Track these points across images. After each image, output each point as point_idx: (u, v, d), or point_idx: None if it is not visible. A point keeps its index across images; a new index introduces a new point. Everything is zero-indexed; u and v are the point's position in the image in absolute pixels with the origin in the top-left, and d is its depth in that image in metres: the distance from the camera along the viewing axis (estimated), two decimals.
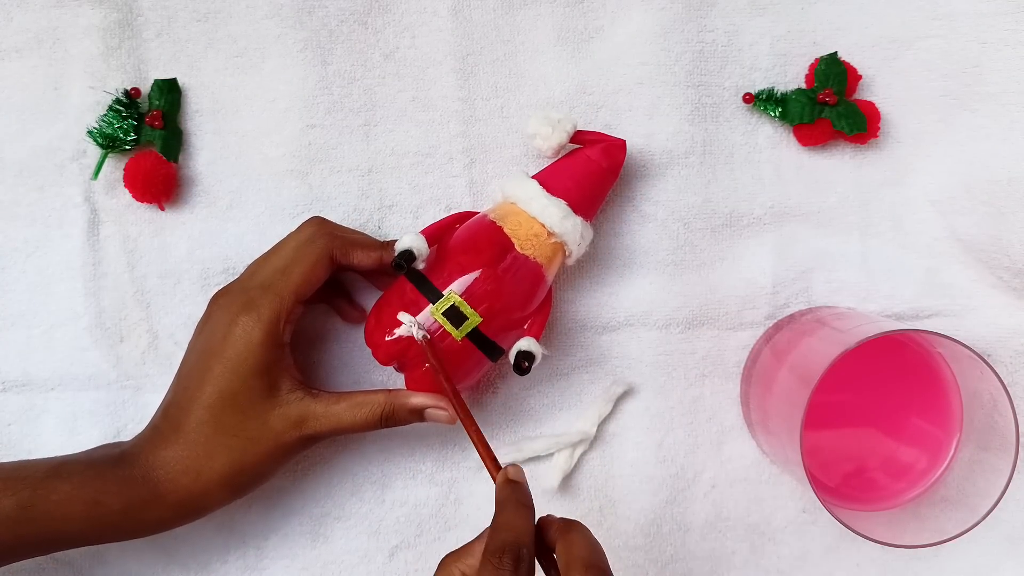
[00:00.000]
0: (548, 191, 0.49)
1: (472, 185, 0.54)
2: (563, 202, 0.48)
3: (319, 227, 0.49)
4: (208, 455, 0.45)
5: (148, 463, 0.45)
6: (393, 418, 0.48)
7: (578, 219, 0.49)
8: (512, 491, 0.42)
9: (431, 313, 0.47)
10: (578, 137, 0.51)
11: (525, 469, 0.44)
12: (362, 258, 0.48)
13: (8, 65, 0.53)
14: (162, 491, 0.45)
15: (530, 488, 0.43)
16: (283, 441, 0.46)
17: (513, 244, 0.48)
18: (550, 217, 0.48)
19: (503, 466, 0.44)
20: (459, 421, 0.46)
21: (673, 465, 0.54)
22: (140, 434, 0.47)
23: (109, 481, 0.44)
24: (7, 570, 0.51)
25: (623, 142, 0.51)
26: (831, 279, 0.55)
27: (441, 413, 0.48)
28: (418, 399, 0.48)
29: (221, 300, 0.47)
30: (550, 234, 0.48)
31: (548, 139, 0.50)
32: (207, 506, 0.47)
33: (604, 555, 0.40)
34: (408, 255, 0.47)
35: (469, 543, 0.42)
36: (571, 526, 0.41)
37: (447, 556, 0.42)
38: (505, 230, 0.48)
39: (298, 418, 0.46)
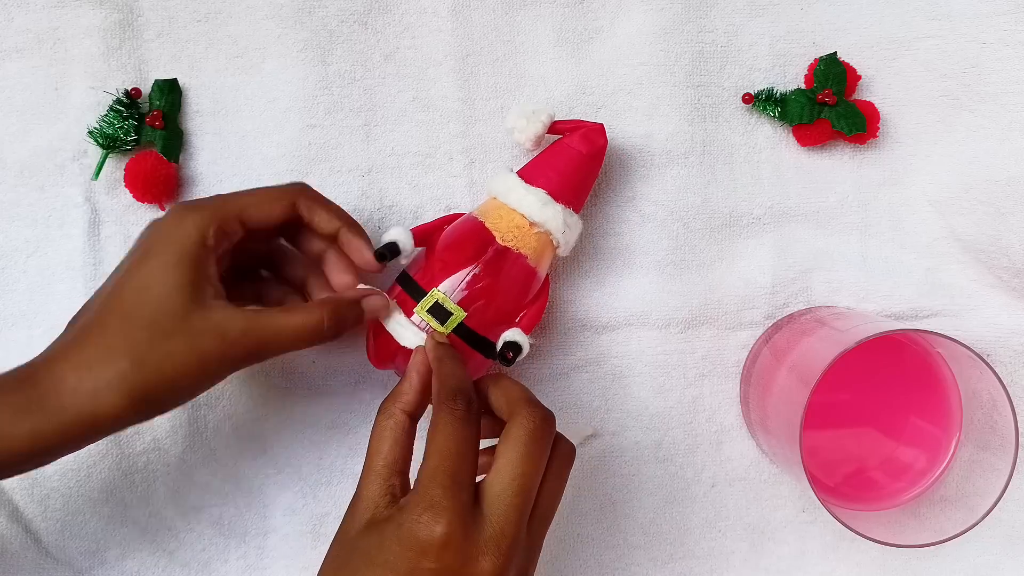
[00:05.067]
0: (530, 183, 0.49)
1: (472, 185, 0.54)
2: (542, 191, 0.48)
3: (301, 186, 0.46)
4: (107, 347, 0.38)
5: (32, 363, 0.39)
6: (337, 323, 0.43)
7: (559, 207, 0.48)
8: (446, 349, 0.44)
9: (416, 312, 0.47)
10: (556, 127, 0.51)
11: None
12: (326, 223, 0.45)
13: (9, 65, 0.53)
14: (40, 392, 0.38)
15: None
16: (202, 350, 0.39)
17: (495, 237, 0.48)
18: (528, 207, 0.48)
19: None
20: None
21: (672, 464, 0.54)
22: (60, 337, 0.41)
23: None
24: (5, 569, 0.52)
25: (601, 126, 0.50)
26: (830, 279, 0.55)
27: (377, 299, 0.46)
28: (353, 291, 0.46)
29: (158, 217, 0.43)
30: (532, 224, 0.48)
31: (524, 131, 0.50)
32: (93, 417, 0.39)
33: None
34: (392, 247, 0.47)
35: (398, 386, 0.44)
36: (499, 376, 0.44)
37: (384, 401, 0.43)
38: (487, 224, 0.48)
39: (220, 325, 0.40)
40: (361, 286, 0.47)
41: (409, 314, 0.47)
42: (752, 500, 0.55)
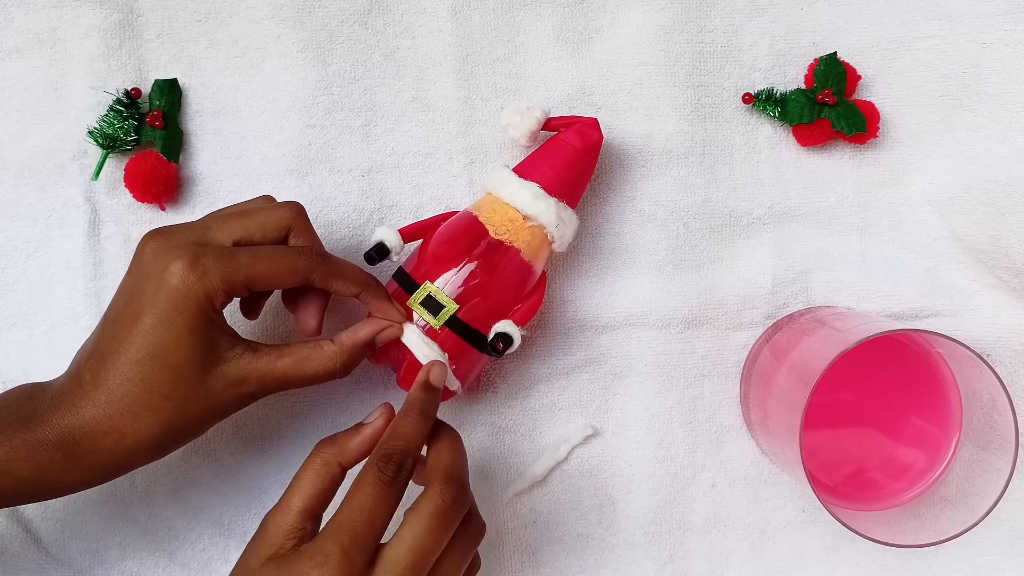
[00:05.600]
0: (525, 179, 0.49)
1: (472, 185, 0.54)
2: (535, 185, 0.48)
3: (307, 228, 0.45)
4: (134, 416, 0.41)
5: (64, 424, 0.41)
6: (351, 364, 0.45)
7: (551, 200, 0.48)
8: (426, 399, 0.43)
9: (409, 304, 0.47)
10: (551, 123, 0.51)
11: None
12: (344, 290, 0.45)
13: (9, 65, 0.53)
14: (80, 453, 0.41)
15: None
16: (220, 401, 0.43)
17: (487, 231, 0.48)
18: (521, 200, 0.48)
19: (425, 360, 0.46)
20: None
21: (672, 464, 0.54)
22: (59, 384, 0.43)
23: (17, 447, 0.40)
24: (5, 569, 0.52)
25: (595, 120, 0.50)
26: (830, 279, 0.55)
27: (390, 331, 0.47)
28: (365, 330, 0.46)
29: (160, 241, 0.42)
30: (526, 218, 0.48)
31: (519, 127, 0.50)
32: (130, 466, 0.43)
33: (466, 466, 0.43)
34: (381, 247, 0.48)
35: (346, 434, 0.43)
36: (441, 433, 0.43)
37: (323, 442, 0.43)
38: (480, 218, 0.48)
39: (238, 377, 0.43)
40: (376, 325, 0.47)
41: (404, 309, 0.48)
42: (752, 500, 0.55)
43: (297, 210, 0.45)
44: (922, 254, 0.55)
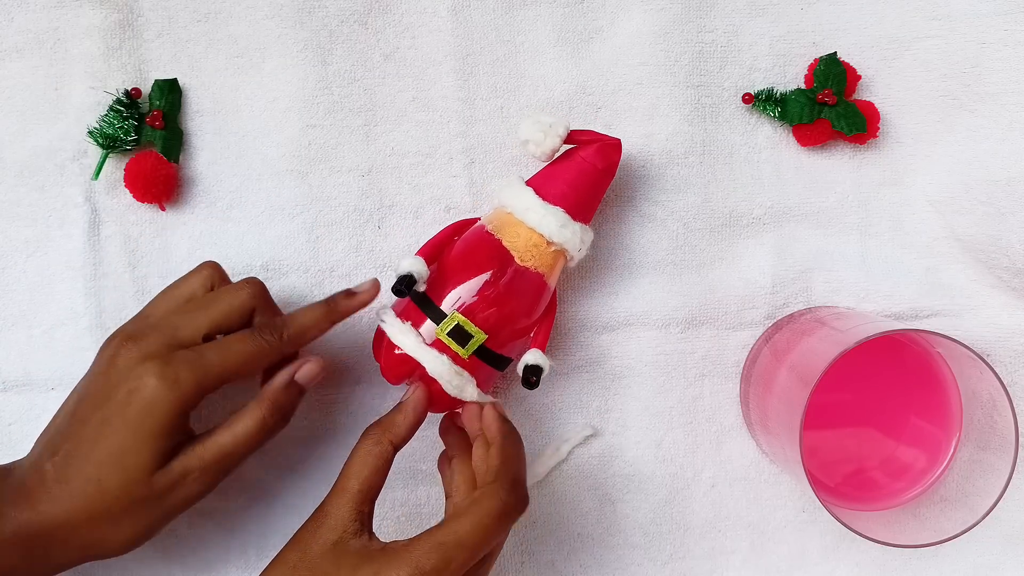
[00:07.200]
0: (544, 197, 0.47)
1: (472, 185, 0.54)
2: (560, 210, 0.47)
3: (270, 306, 0.47)
4: (88, 516, 0.42)
5: (23, 520, 0.42)
6: (278, 411, 0.45)
7: (577, 225, 0.48)
8: (511, 429, 0.45)
9: (436, 334, 0.47)
10: (572, 137, 0.49)
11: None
12: (317, 336, 0.46)
13: (9, 65, 0.53)
14: (34, 547, 0.42)
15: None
16: (168, 502, 0.43)
17: (513, 257, 0.47)
18: (548, 227, 0.47)
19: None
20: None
21: (672, 464, 0.54)
22: (21, 476, 0.43)
23: None
24: None
25: (618, 142, 0.49)
26: (830, 279, 0.55)
27: (309, 367, 0.46)
28: (283, 374, 0.46)
29: (131, 349, 0.43)
30: (549, 243, 0.47)
31: (541, 145, 0.48)
32: (82, 559, 0.44)
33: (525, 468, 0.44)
34: (408, 279, 0.47)
35: (389, 413, 0.45)
36: (511, 435, 0.45)
37: (369, 426, 0.44)
38: (504, 243, 0.47)
39: (182, 472, 0.43)
40: (292, 367, 0.47)
41: (419, 328, 0.47)
42: (752, 500, 0.55)
43: (257, 290, 0.46)
44: (922, 254, 0.55)
